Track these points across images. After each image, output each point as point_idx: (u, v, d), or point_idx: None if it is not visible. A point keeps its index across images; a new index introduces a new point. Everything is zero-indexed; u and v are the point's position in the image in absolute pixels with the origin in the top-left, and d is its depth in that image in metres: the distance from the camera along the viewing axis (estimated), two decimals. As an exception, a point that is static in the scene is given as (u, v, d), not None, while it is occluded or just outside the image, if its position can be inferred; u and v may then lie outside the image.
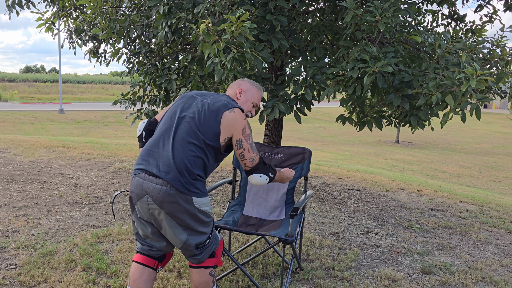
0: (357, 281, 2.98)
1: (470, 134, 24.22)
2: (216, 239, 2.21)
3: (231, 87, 2.41)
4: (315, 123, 27.31)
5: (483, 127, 28.50)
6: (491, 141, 21.33)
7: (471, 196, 6.14)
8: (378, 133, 21.10)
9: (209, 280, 2.15)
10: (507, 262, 3.50)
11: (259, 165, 2.19)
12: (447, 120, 3.88)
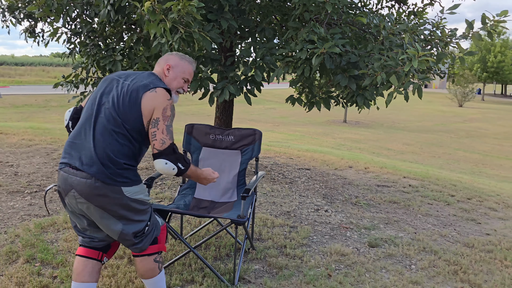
0: (308, 257, 3.07)
1: (413, 113, 25.41)
2: (156, 225, 2.14)
3: (158, 63, 2.21)
4: (266, 105, 27.49)
5: (425, 106, 29.99)
6: (431, 119, 22.51)
7: (414, 171, 6.47)
8: (326, 113, 21.62)
9: (154, 267, 2.10)
10: (445, 232, 3.74)
11: (168, 151, 1.98)
12: (391, 100, 4.02)
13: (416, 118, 22.79)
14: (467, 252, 3.33)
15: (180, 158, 2.02)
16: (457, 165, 9.63)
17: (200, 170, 2.21)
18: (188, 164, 2.08)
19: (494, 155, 11.75)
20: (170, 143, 1.99)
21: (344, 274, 2.86)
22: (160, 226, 2.18)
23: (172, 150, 1.99)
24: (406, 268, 3.01)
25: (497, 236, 3.74)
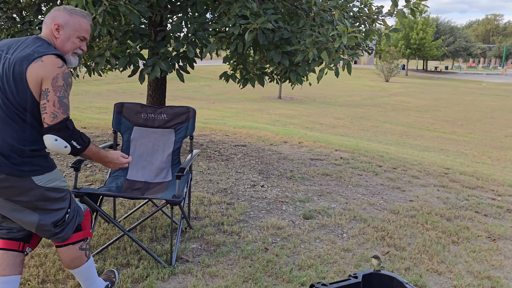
0: (246, 233, 3.11)
1: (343, 88, 26.40)
2: (78, 211, 2.00)
3: (44, 23, 1.88)
4: (201, 82, 27.08)
5: (354, 82, 31.24)
6: (360, 94, 23.54)
7: (345, 144, 6.76)
8: (261, 90, 21.78)
9: (80, 256, 1.98)
10: (374, 201, 3.97)
11: (60, 126, 1.74)
12: (322, 75, 4.12)
13: (346, 93, 23.70)
14: (393, 218, 3.56)
15: (75, 136, 1.80)
16: (384, 137, 10.21)
17: (104, 153, 1.98)
18: (86, 143, 1.85)
19: (416, 126, 12.60)
20: (63, 117, 1.75)
21: (281, 246, 2.94)
22: (83, 211, 2.05)
23: (65, 126, 1.76)
24: (338, 236, 3.16)
25: (419, 202, 4.04)
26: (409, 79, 36.69)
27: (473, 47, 53.46)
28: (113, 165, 2.05)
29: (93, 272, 2.08)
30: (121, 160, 2.05)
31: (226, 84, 24.88)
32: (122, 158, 2.06)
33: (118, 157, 2.04)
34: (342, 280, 1.78)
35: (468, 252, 3.02)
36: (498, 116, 15.63)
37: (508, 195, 4.52)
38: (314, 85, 24.93)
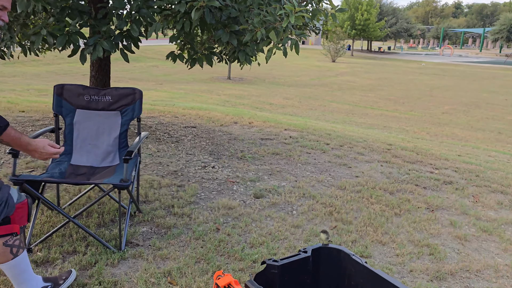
0: (197, 214, 3.10)
1: (292, 68, 26.67)
2: (8, 203, 1.78)
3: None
4: (148, 62, 26.25)
5: (302, 62, 31.63)
6: (308, 74, 23.90)
7: (294, 124, 6.87)
8: (210, 70, 21.51)
9: (5, 252, 1.78)
10: (322, 178, 4.09)
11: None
12: (271, 55, 4.13)
13: (294, 73, 23.97)
14: (340, 194, 3.70)
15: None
16: (331, 115, 10.48)
17: (26, 139, 1.75)
18: (2, 127, 1.63)
19: (361, 105, 13.04)
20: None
21: (232, 226, 2.96)
22: (16, 203, 1.82)
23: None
24: (289, 214, 3.24)
25: (364, 177, 4.21)
26: (354, 59, 37.70)
27: (414, 28, 55.75)
28: (38, 155, 1.80)
29: (25, 269, 1.89)
30: (48, 149, 1.79)
31: (174, 65, 24.28)
32: (50, 148, 1.80)
33: (45, 145, 1.79)
34: (292, 256, 1.83)
35: (409, 223, 3.21)
36: (436, 94, 16.51)
37: (444, 168, 4.82)
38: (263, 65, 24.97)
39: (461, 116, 11.61)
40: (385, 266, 2.58)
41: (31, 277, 1.94)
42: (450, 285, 2.45)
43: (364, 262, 1.80)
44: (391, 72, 26.83)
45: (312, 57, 36.52)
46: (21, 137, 1.75)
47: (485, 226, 3.24)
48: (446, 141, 7.63)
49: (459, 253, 2.83)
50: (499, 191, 4.12)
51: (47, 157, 1.82)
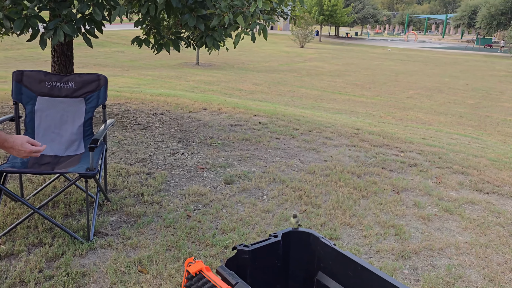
0: (167, 202, 3.08)
1: (260, 54, 26.57)
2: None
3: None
4: (113, 47, 25.50)
5: (271, 47, 31.56)
6: (277, 60, 23.90)
7: (263, 109, 6.88)
8: (178, 56, 21.14)
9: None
10: (291, 163, 4.13)
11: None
12: (239, 41, 4.09)
13: (263, 59, 23.91)
14: (309, 178, 3.75)
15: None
16: (300, 101, 10.56)
17: (3, 135, 1.62)
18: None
19: (330, 90, 13.18)
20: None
21: (203, 212, 2.96)
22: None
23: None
24: (259, 199, 3.26)
25: (332, 161, 4.29)
26: (322, 45, 37.96)
27: (380, 14, 56.57)
28: (16, 152, 1.66)
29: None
30: (26, 147, 1.66)
31: (141, 50, 23.71)
32: (28, 145, 1.67)
33: (23, 142, 1.66)
34: (263, 240, 1.85)
35: (376, 205, 3.30)
36: (401, 79, 16.90)
37: (409, 151, 4.97)
38: (232, 51, 24.77)
39: (425, 101, 11.96)
40: (353, 247, 2.66)
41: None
42: (414, 264, 2.55)
43: (333, 245, 1.84)
44: (358, 57, 27.21)
45: (280, 42, 36.50)
46: (1, 134, 1.62)
47: (447, 206, 3.38)
48: (410, 125, 7.85)
49: (423, 232, 2.94)
50: (460, 172, 4.29)
51: (25, 155, 1.68)
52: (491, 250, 2.76)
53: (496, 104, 11.94)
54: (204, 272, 1.56)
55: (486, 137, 7.37)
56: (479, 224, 3.13)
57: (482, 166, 4.56)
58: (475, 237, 2.92)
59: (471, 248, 2.77)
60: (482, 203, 3.52)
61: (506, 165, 4.70)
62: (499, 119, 9.75)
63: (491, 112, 10.69)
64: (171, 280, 2.18)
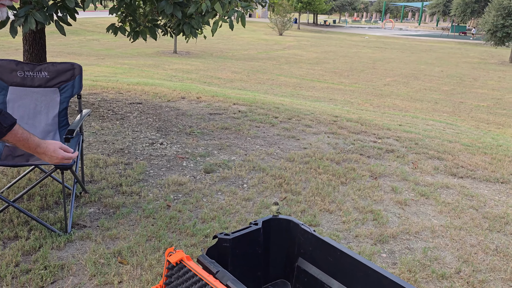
0: (146, 192, 3.05)
1: (239, 42, 26.38)
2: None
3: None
4: (87, 36, 24.86)
5: (249, 35, 31.36)
6: (256, 48, 23.78)
7: (242, 98, 6.85)
8: (155, 44, 20.79)
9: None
10: (271, 151, 4.14)
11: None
12: (217, 28, 4.05)
13: (242, 47, 23.76)
14: (289, 166, 3.77)
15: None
16: (279, 89, 10.56)
17: (36, 141, 1.54)
18: (5, 127, 1.45)
19: (308, 78, 13.23)
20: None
21: (183, 202, 2.95)
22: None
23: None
24: (239, 187, 3.27)
25: (312, 149, 4.32)
26: (301, 33, 37.94)
27: (357, 1, 56.80)
28: (48, 158, 1.58)
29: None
30: (59, 153, 1.57)
31: (116, 38, 23.21)
32: (61, 151, 1.58)
33: (55, 148, 1.57)
34: (243, 228, 1.86)
35: (355, 191, 3.35)
36: (378, 67, 17.08)
37: (386, 137, 5.05)
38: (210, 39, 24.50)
39: (402, 88, 12.13)
40: (333, 233, 2.70)
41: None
42: (392, 247, 2.61)
43: (313, 231, 1.86)
44: (336, 45, 27.33)
45: (259, 30, 36.29)
46: (29, 137, 1.53)
47: (423, 191, 3.46)
48: (388, 112, 7.96)
49: (400, 217, 3.01)
50: (435, 157, 4.39)
51: (58, 161, 1.60)
52: (465, 232, 2.85)
53: (469, 91, 12.22)
54: (185, 262, 1.56)
55: (460, 122, 7.55)
56: (453, 207, 3.22)
57: (456, 151, 4.68)
58: (449, 220, 3.01)
59: (446, 231, 2.85)
60: (456, 187, 3.62)
61: (479, 150, 4.84)
62: (473, 105, 9.99)
63: (465, 98, 10.94)
64: (152, 270, 2.17)
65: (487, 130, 6.96)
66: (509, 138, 6.36)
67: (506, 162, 4.44)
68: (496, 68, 18.31)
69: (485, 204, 3.33)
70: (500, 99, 11.06)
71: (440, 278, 2.33)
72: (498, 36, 19.72)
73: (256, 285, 1.92)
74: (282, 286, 1.97)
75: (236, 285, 1.45)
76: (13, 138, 1.49)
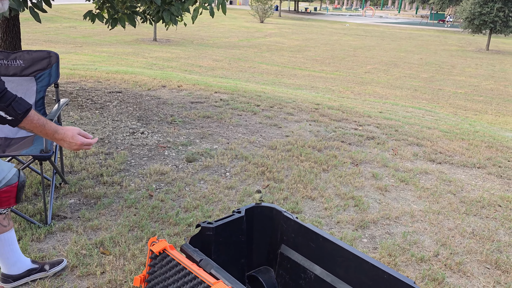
0: (128, 182, 3.02)
1: (220, 29, 26.13)
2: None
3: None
4: (64, 23, 24.22)
5: (230, 23, 31.08)
6: (237, 35, 23.60)
7: (224, 86, 6.81)
8: (134, 31, 20.42)
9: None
10: (253, 139, 4.14)
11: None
12: (197, 15, 4.00)
13: (223, 35, 23.55)
14: (271, 154, 3.79)
15: (4, 103, 1.42)
16: (261, 77, 10.53)
17: (53, 127, 1.53)
18: (20, 114, 1.45)
19: (290, 66, 13.22)
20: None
21: (165, 191, 2.93)
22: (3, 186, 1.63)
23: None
24: (222, 176, 3.27)
25: (294, 136, 4.34)
26: (282, 20, 37.78)
27: (338, -12, 56.69)
28: (67, 145, 1.56)
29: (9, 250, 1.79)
30: (78, 139, 1.56)
31: (94, 26, 22.68)
32: (80, 137, 1.57)
33: (74, 134, 1.55)
34: (226, 217, 1.86)
35: (336, 178, 3.39)
36: (359, 54, 17.18)
37: (367, 124, 5.11)
38: (190, 26, 24.19)
39: (382, 75, 12.25)
40: (315, 219, 2.73)
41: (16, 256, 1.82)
42: (373, 232, 2.66)
43: (295, 218, 1.88)
44: (317, 33, 27.34)
45: (240, 17, 35.97)
46: (46, 123, 1.52)
47: (402, 177, 3.52)
48: (368, 99, 8.04)
49: (380, 202, 3.06)
50: (415, 144, 4.47)
51: (76, 148, 1.57)
52: (442, 217, 2.92)
53: (448, 78, 12.42)
54: (168, 251, 1.56)
55: (439, 109, 7.69)
56: (432, 192, 3.29)
57: (435, 138, 4.77)
58: (428, 205, 3.08)
59: (424, 216, 2.92)
60: (435, 172, 3.70)
61: (456, 136, 4.94)
62: (451, 92, 10.17)
63: (443, 85, 11.13)
64: (135, 260, 2.16)
65: (464, 117, 7.11)
66: (485, 124, 6.52)
67: (483, 147, 4.55)
68: (474, 56, 18.65)
69: (462, 188, 3.42)
70: (477, 86, 11.29)
71: (419, 261, 2.39)
72: (476, 24, 20.03)
73: (239, 272, 1.94)
74: (265, 272, 1.99)
75: (219, 272, 1.46)
76: (29, 125, 1.48)
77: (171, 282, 1.56)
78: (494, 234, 2.76)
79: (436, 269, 2.34)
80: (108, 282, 2.00)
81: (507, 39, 28.63)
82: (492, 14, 19.29)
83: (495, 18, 19.31)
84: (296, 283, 1.89)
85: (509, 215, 3.02)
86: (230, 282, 1.41)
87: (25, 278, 1.95)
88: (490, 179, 3.69)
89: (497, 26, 19.56)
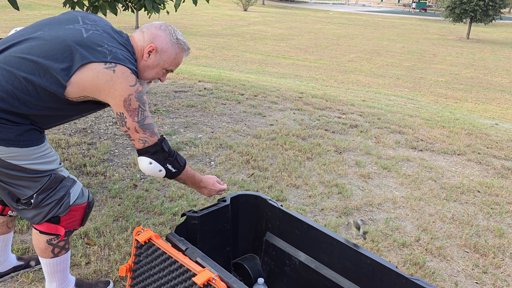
0: (112, 172, 3.00)
1: (203, 18, 25.85)
2: (62, 203, 1.55)
3: (141, 32, 1.58)
4: (43, 10, 23.61)
5: (213, 11, 30.76)
6: (220, 24, 23.40)
7: (208, 75, 6.77)
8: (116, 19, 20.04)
9: (46, 249, 1.63)
10: (238, 128, 4.15)
11: (155, 149, 1.53)
12: (180, 3, 3.95)
13: (206, 23, 23.31)
14: (256, 142, 3.80)
15: (171, 158, 1.57)
16: (245, 66, 10.49)
17: (199, 177, 1.74)
18: (182, 166, 1.62)
19: (274, 55, 13.20)
20: (154, 141, 1.51)
21: (150, 181, 2.92)
22: (73, 204, 1.58)
23: (161, 148, 1.53)
24: (207, 165, 3.27)
25: (278, 125, 4.36)
26: (266, 8, 37.56)
27: (322, -24, 56.51)
28: (207, 192, 1.80)
29: (60, 271, 1.73)
30: (217, 186, 1.81)
31: (73, 13, 22.12)
32: (218, 184, 1.82)
33: (214, 182, 1.80)
34: (212, 205, 1.87)
35: (320, 166, 3.43)
36: (342, 43, 17.24)
37: (350, 113, 5.15)
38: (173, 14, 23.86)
39: (365, 64, 12.33)
40: (299, 207, 2.76)
41: (65, 279, 1.78)
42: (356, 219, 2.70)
43: (280, 206, 1.90)
44: (300, 21, 27.28)
45: (223, 5, 35.61)
46: (195, 174, 1.72)
47: (385, 164, 3.58)
48: (352, 88, 8.10)
49: (363, 190, 3.11)
50: (397, 132, 4.54)
51: (213, 193, 1.82)
52: (424, 203, 2.99)
53: (429, 66, 12.58)
54: (154, 240, 1.56)
55: (420, 97, 7.80)
56: (413, 179, 3.36)
57: (417, 125, 4.85)
58: (410, 192, 3.14)
59: (406, 202, 2.98)
60: (416, 159, 3.77)
61: (437, 124, 5.03)
62: (432, 80, 10.32)
63: (425, 74, 11.27)
64: (120, 250, 2.16)
65: (445, 105, 7.24)
66: (465, 112, 6.65)
67: (463, 135, 4.65)
68: (454, 44, 18.90)
69: (443, 175, 3.50)
70: (457, 75, 11.47)
71: (401, 247, 2.45)
72: (457, 12, 20.25)
73: (225, 260, 1.96)
74: (251, 260, 2.02)
75: (205, 261, 1.47)
76: (185, 176, 1.67)
77: (157, 271, 1.57)
78: (473, 219, 2.83)
79: (417, 253, 2.40)
80: (93, 272, 2.00)
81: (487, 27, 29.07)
82: (473, 3, 19.54)
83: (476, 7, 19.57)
84: (281, 269, 1.92)
85: (487, 201, 3.10)
86: (216, 269, 1.42)
87: (10, 274, 1.94)
88: (469, 165, 3.78)
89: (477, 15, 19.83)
